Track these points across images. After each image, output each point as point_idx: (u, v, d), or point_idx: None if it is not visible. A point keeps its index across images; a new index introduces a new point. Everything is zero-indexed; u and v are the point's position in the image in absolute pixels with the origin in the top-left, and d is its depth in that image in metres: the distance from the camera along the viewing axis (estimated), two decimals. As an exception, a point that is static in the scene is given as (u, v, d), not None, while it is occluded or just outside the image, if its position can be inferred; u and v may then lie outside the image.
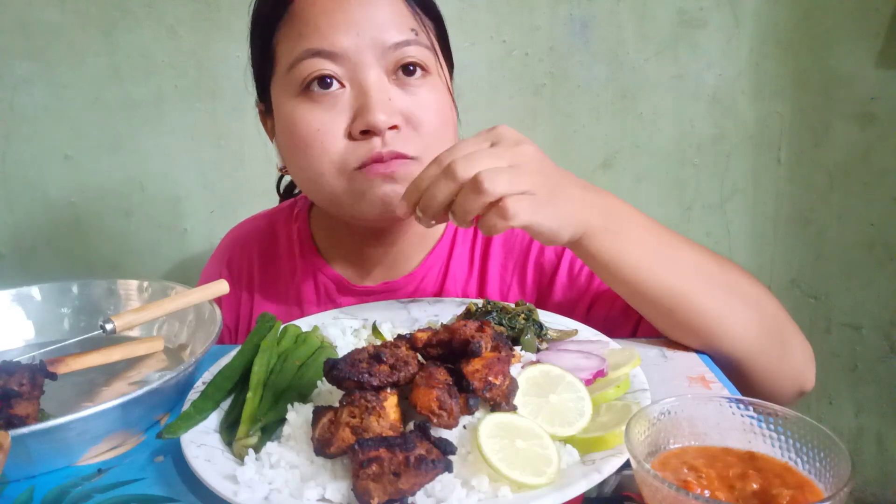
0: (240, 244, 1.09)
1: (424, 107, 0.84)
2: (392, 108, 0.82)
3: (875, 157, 1.61)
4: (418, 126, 0.84)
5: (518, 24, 1.57)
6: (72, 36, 1.55)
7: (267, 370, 0.71)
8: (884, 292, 1.68)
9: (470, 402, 0.57)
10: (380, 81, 0.82)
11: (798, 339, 0.82)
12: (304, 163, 0.85)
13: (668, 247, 0.76)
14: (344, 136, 0.83)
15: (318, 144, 0.83)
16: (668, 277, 0.74)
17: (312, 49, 0.81)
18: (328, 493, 0.53)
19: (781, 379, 0.81)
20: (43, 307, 0.93)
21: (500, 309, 0.77)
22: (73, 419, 0.60)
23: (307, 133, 0.83)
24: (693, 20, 1.57)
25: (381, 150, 0.82)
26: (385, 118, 0.81)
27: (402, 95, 0.84)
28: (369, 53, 0.82)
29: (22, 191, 1.65)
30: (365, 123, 0.81)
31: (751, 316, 0.78)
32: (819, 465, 0.49)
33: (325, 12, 0.81)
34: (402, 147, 0.83)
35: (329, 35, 0.81)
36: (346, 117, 0.83)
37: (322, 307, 0.99)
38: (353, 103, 0.83)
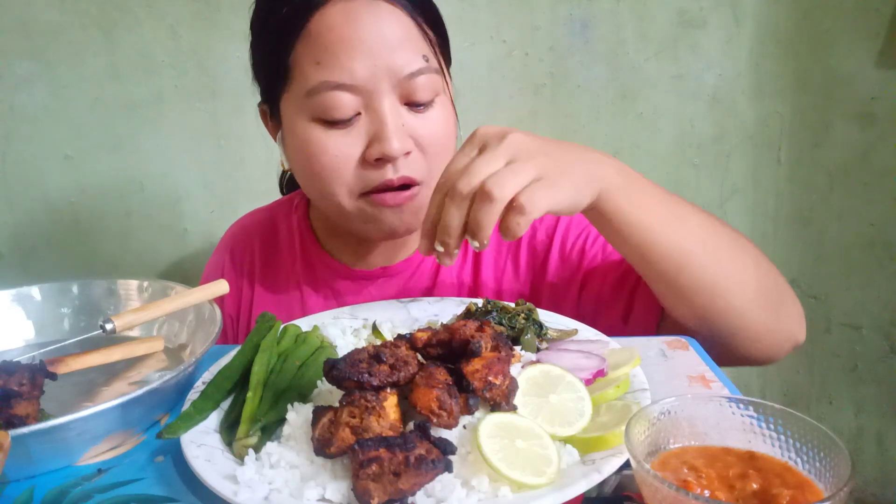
0: (242, 235, 1.12)
1: (432, 129, 0.87)
2: (405, 134, 0.85)
3: (875, 157, 1.61)
4: (425, 149, 0.87)
5: (518, 24, 1.57)
6: (72, 36, 1.55)
7: (267, 370, 0.71)
8: (884, 292, 1.68)
9: (470, 402, 0.57)
10: (393, 108, 0.84)
11: (791, 296, 0.84)
12: (318, 183, 0.88)
13: (676, 205, 0.77)
14: (358, 161, 0.85)
15: (334, 168, 0.86)
16: (679, 235, 0.75)
17: (332, 82, 0.83)
18: (328, 493, 0.53)
19: (778, 336, 0.83)
20: (43, 307, 0.93)
21: (500, 309, 0.77)
22: (73, 419, 0.60)
23: (322, 157, 0.86)
24: (693, 20, 1.57)
25: (393, 176, 0.85)
26: (399, 146, 0.83)
27: (413, 119, 0.86)
28: (384, 82, 0.83)
29: (22, 191, 1.65)
30: (380, 152, 0.83)
31: (751, 273, 0.79)
32: (819, 465, 0.49)
33: (342, 40, 0.82)
34: (411, 171, 0.86)
35: (348, 66, 0.82)
36: (361, 143, 0.85)
37: (321, 293, 1.02)
38: (369, 129, 0.85)
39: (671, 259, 0.75)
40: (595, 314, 0.92)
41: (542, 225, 0.98)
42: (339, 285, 1.02)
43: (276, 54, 0.87)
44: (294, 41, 0.85)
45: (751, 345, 0.82)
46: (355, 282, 1.01)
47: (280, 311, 1.03)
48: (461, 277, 1.00)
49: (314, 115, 0.85)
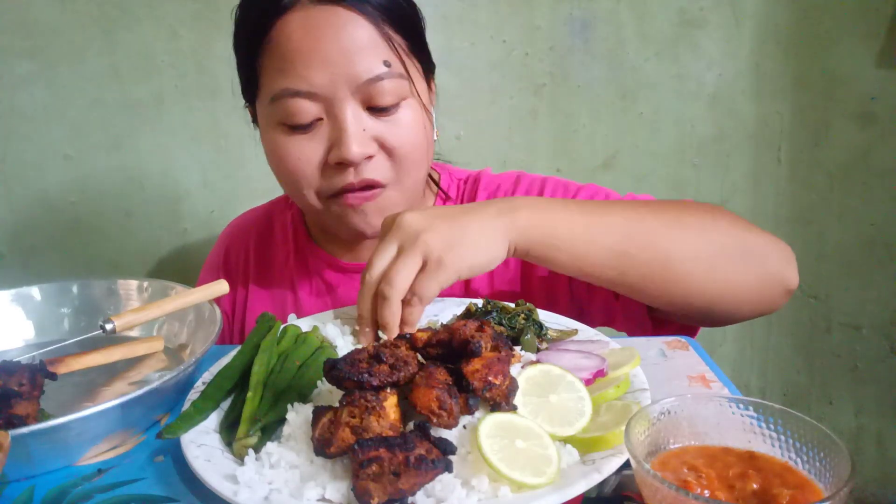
0: (238, 233, 1.15)
1: (398, 133, 0.88)
2: (366, 138, 0.86)
3: (875, 157, 1.61)
4: (391, 153, 0.88)
5: (518, 24, 1.57)
6: (72, 36, 1.55)
7: (267, 370, 0.71)
8: (884, 292, 1.68)
9: (470, 402, 0.57)
10: (355, 114, 0.85)
11: (767, 244, 0.82)
12: (287, 186, 0.93)
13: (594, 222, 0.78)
14: (320, 165, 0.88)
15: (299, 171, 0.89)
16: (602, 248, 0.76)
17: (291, 89, 0.85)
18: (328, 493, 0.53)
19: (763, 290, 0.82)
20: (43, 307, 0.93)
21: (500, 309, 0.77)
22: (73, 419, 0.60)
23: (287, 161, 0.89)
24: (693, 20, 1.57)
25: (353, 180, 0.87)
26: (358, 150, 0.85)
27: (377, 123, 0.87)
28: (343, 88, 0.84)
29: (22, 191, 1.65)
30: (339, 157, 0.85)
31: (700, 245, 0.79)
32: (819, 465, 0.49)
33: (300, 50, 0.84)
34: (374, 174, 0.87)
35: (305, 74, 0.84)
36: (322, 147, 0.87)
37: (313, 286, 1.04)
38: (330, 135, 0.86)
39: (607, 267, 0.77)
40: (589, 295, 0.93)
41: None
42: (331, 278, 1.04)
43: (246, 61, 0.91)
44: (259, 49, 0.87)
45: (737, 308, 0.82)
46: (346, 275, 1.03)
47: (273, 306, 1.05)
48: None
49: (278, 120, 0.87)
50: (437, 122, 1.69)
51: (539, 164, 1.66)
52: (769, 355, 1.82)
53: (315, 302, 1.03)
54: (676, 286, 0.79)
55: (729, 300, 0.81)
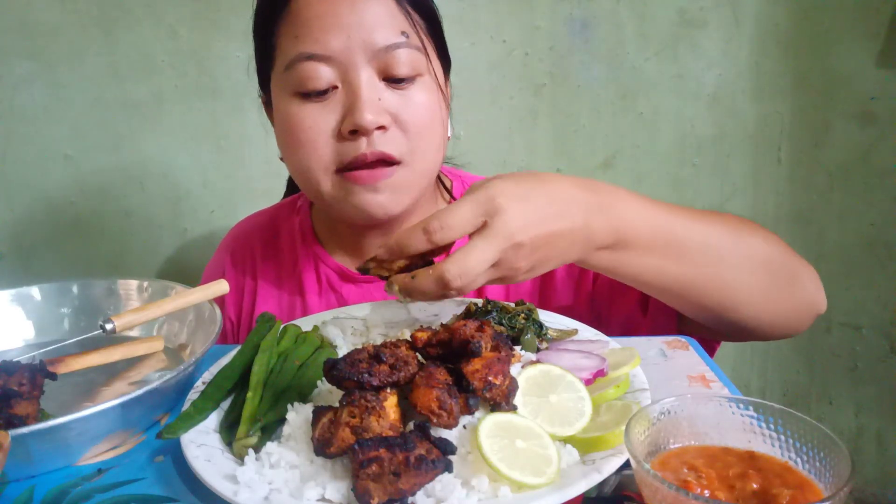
0: (243, 238, 1.11)
1: (413, 108, 0.86)
2: (381, 108, 0.84)
3: (875, 157, 1.61)
4: (406, 127, 0.86)
5: (518, 24, 1.57)
6: (72, 36, 1.55)
7: (267, 370, 0.71)
8: (884, 292, 1.68)
9: (470, 402, 0.57)
10: (370, 82, 0.84)
11: (804, 269, 0.82)
12: (296, 157, 0.89)
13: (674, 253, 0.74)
14: (333, 134, 0.86)
15: (310, 142, 0.86)
16: (672, 270, 0.74)
17: (306, 52, 0.84)
18: (328, 493, 0.53)
19: (798, 314, 0.82)
20: (43, 307, 0.93)
21: (500, 309, 0.76)
22: (73, 419, 0.60)
23: (299, 130, 0.86)
24: (693, 20, 1.57)
25: (366, 150, 0.84)
26: (372, 118, 0.83)
27: (393, 96, 0.86)
28: (360, 55, 0.84)
29: (22, 191, 1.65)
30: (353, 124, 0.83)
31: (760, 275, 0.78)
32: (819, 465, 0.49)
33: (318, 16, 0.84)
34: (387, 147, 0.85)
35: (321, 38, 0.83)
36: (336, 116, 0.85)
37: (324, 296, 1.02)
38: (345, 102, 0.85)
39: (670, 290, 0.76)
40: (611, 303, 0.92)
41: None
42: (342, 288, 1.01)
43: (264, 36, 0.90)
44: (278, 20, 0.87)
45: (772, 330, 0.82)
46: (358, 285, 1.01)
47: (281, 314, 1.02)
48: None
49: (293, 88, 0.86)
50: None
51: (539, 164, 1.66)
52: (769, 355, 1.82)
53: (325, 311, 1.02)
54: (732, 315, 0.78)
55: (769, 322, 0.81)
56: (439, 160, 0.93)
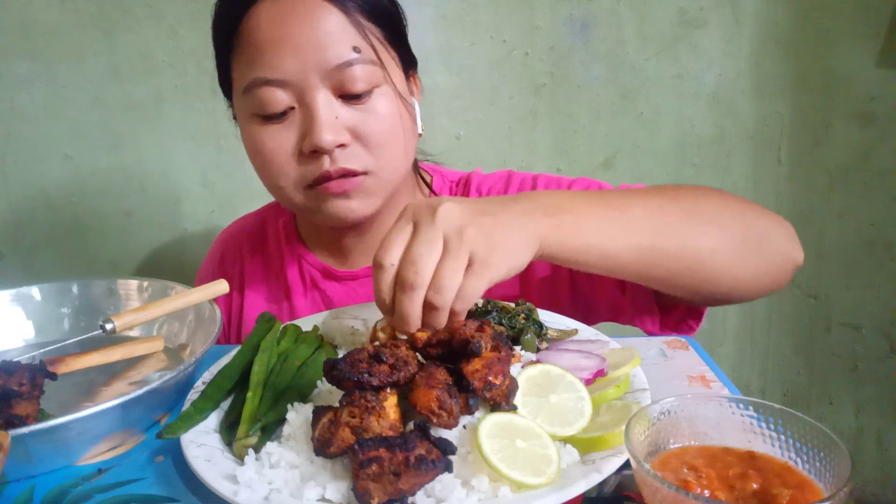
0: (232, 241, 1.14)
1: (372, 121, 0.87)
2: (339, 126, 0.85)
3: (875, 157, 1.61)
4: (366, 141, 0.87)
5: (518, 24, 1.57)
6: (72, 36, 1.55)
7: (267, 370, 0.71)
8: (884, 292, 1.68)
9: (470, 402, 0.57)
10: (326, 101, 0.85)
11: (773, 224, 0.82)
12: (266, 176, 0.91)
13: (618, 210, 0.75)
14: (294, 154, 0.87)
15: (276, 162, 0.88)
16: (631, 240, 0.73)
17: (261, 78, 0.85)
18: (328, 493, 0.53)
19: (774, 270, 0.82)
20: (43, 307, 0.93)
21: (500, 309, 0.77)
22: (73, 419, 0.60)
23: (262, 152, 0.88)
24: (693, 20, 1.57)
25: (329, 168, 0.85)
26: (331, 138, 0.84)
27: (350, 112, 0.86)
28: (314, 76, 0.84)
29: (22, 191, 1.65)
30: (311, 144, 0.84)
31: (720, 235, 0.78)
32: (819, 465, 0.49)
33: (269, 40, 0.84)
34: (350, 163, 0.86)
35: (273, 62, 0.84)
36: (296, 136, 0.87)
37: (308, 294, 1.04)
38: (303, 123, 0.86)
39: (636, 263, 0.75)
40: (591, 288, 0.93)
41: None
42: (327, 287, 1.03)
43: (221, 57, 0.91)
44: (232, 44, 0.88)
45: (755, 290, 0.82)
46: (342, 283, 1.03)
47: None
48: None
49: (252, 111, 0.87)
50: (438, 122, 1.69)
51: (539, 164, 1.66)
52: (769, 355, 1.82)
53: (311, 310, 1.03)
54: (703, 276, 0.78)
55: (748, 284, 0.81)
56: (407, 163, 0.94)
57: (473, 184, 1.04)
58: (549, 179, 1.01)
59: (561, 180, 1.01)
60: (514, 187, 1.02)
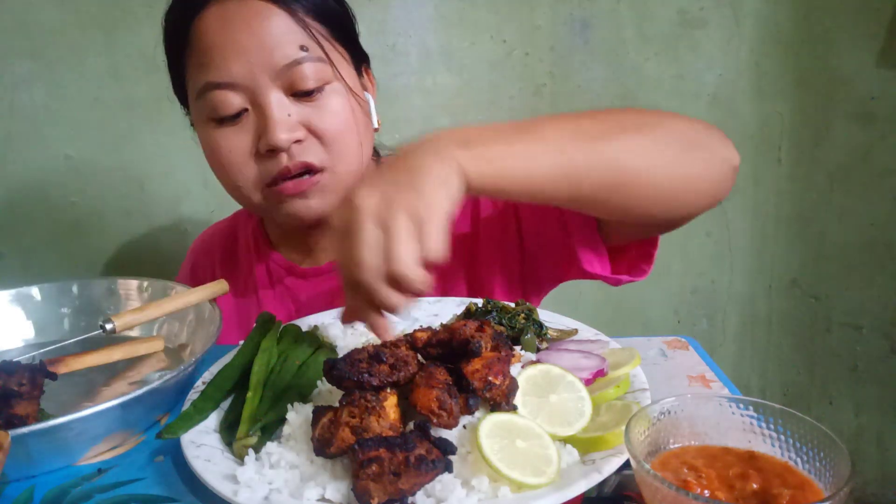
0: (204, 248, 1.17)
1: (325, 116, 0.88)
2: (292, 123, 0.87)
3: (875, 157, 1.61)
4: (321, 136, 0.88)
5: (518, 24, 1.57)
6: (72, 36, 1.55)
7: (267, 370, 0.71)
8: (884, 292, 1.68)
9: (470, 402, 0.57)
10: (278, 101, 0.86)
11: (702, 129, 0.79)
12: (224, 178, 0.93)
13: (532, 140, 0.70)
14: (251, 154, 0.89)
15: (233, 164, 0.89)
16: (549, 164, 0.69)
17: (211, 82, 0.87)
18: (328, 493, 0.53)
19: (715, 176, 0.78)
20: (43, 307, 0.93)
21: (499, 308, 0.77)
22: (73, 419, 0.60)
23: (218, 154, 0.90)
24: (693, 20, 1.57)
25: (288, 164, 0.87)
26: (286, 136, 0.86)
27: (303, 108, 0.88)
28: (263, 77, 0.86)
29: (22, 191, 1.65)
30: (268, 144, 0.86)
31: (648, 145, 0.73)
32: (819, 465, 0.49)
33: (217, 44, 0.86)
34: (307, 157, 0.88)
35: (223, 66, 0.86)
36: (251, 137, 0.88)
37: (276, 293, 1.06)
38: (257, 124, 0.87)
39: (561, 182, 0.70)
40: (538, 240, 0.93)
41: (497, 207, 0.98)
42: (291, 283, 1.05)
43: (173, 65, 0.93)
44: (181, 49, 0.90)
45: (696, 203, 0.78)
46: (307, 279, 1.04)
47: (239, 315, 1.06)
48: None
49: (206, 115, 0.89)
50: (438, 122, 1.69)
51: (539, 164, 1.66)
52: (769, 355, 1.82)
53: (279, 308, 1.04)
54: (636, 191, 0.73)
55: (686, 196, 0.77)
56: (363, 158, 0.94)
57: None
58: None
59: None
60: None
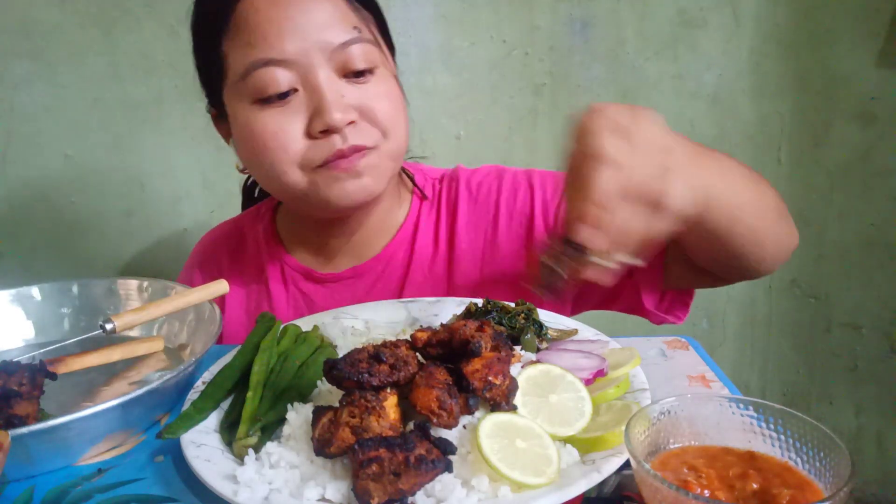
0: (209, 249, 1.13)
1: (376, 99, 0.88)
2: (345, 104, 0.85)
3: (875, 157, 1.61)
4: (373, 117, 0.87)
5: (518, 24, 1.57)
6: (72, 36, 1.55)
7: (267, 370, 0.71)
8: (884, 292, 1.68)
9: (470, 402, 0.57)
10: (330, 81, 0.85)
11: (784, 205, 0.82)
12: (266, 164, 0.88)
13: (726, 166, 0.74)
14: (303, 136, 0.86)
15: (279, 146, 0.86)
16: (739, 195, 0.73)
17: (263, 59, 0.84)
18: (328, 493, 0.53)
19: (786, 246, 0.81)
20: (43, 307, 0.93)
21: (500, 309, 0.77)
22: (73, 419, 0.60)
23: (266, 137, 0.87)
24: (693, 20, 1.57)
25: (342, 146, 0.85)
26: (341, 116, 0.84)
27: (354, 90, 0.87)
28: (317, 55, 0.84)
29: (22, 191, 1.65)
30: (323, 124, 0.84)
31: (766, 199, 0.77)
32: (819, 465, 0.49)
33: (270, 20, 0.84)
34: (360, 139, 0.86)
35: (277, 43, 0.84)
36: (302, 118, 0.86)
37: (290, 297, 1.03)
38: (308, 104, 0.86)
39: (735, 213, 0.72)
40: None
41: (516, 204, 0.98)
42: (307, 288, 1.02)
43: (211, 49, 0.90)
44: (224, 30, 0.87)
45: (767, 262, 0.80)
46: (324, 285, 1.02)
47: (249, 319, 1.04)
48: (434, 271, 1.00)
49: (251, 96, 0.86)
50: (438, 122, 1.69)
51: (539, 163, 1.64)
52: (769, 355, 1.82)
53: (292, 313, 1.02)
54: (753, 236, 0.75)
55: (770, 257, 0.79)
56: (406, 146, 0.94)
57: (462, 179, 1.04)
58: (543, 173, 1.01)
59: (556, 173, 1.00)
60: (508, 181, 1.01)
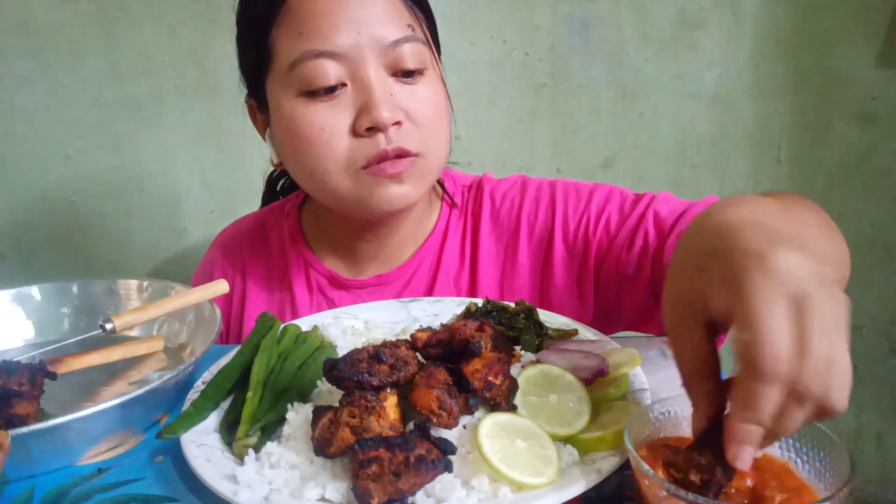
0: (230, 245, 1.09)
1: (423, 102, 0.86)
2: (393, 104, 0.83)
3: (875, 157, 1.61)
4: (419, 121, 0.85)
5: (518, 24, 1.57)
6: (72, 36, 1.55)
7: (267, 370, 0.71)
8: (884, 292, 1.68)
9: (470, 402, 0.57)
10: (381, 78, 0.84)
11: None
12: (309, 161, 0.86)
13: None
14: (348, 133, 0.84)
15: (323, 143, 0.84)
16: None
17: (315, 50, 0.82)
18: (328, 493, 0.53)
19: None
20: (43, 307, 0.93)
21: (500, 309, 0.77)
22: (73, 419, 0.60)
23: (311, 132, 0.84)
24: (693, 20, 1.57)
25: (387, 147, 0.83)
26: (389, 115, 0.82)
27: (403, 91, 0.85)
28: (369, 51, 0.83)
29: (22, 191, 1.65)
30: (371, 121, 0.82)
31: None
32: (819, 465, 0.49)
33: (324, 12, 0.82)
34: (405, 143, 0.84)
35: (330, 35, 0.82)
36: (349, 115, 0.84)
37: (314, 302, 1.01)
38: (356, 101, 0.84)
39: None
40: (619, 295, 0.90)
41: (538, 220, 0.96)
42: (333, 294, 1.00)
43: (258, 38, 0.88)
44: (274, 20, 0.85)
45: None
46: (350, 291, 0.99)
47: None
48: (458, 284, 0.98)
49: (298, 88, 0.84)
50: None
51: (539, 164, 1.66)
52: (769, 355, 1.81)
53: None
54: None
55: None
56: (448, 152, 0.93)
57: (486, 189, 1.01)
58: (566, 185, 0.98)
59: (580, 186, 0.97)
60: (531, 194, 0.98)
